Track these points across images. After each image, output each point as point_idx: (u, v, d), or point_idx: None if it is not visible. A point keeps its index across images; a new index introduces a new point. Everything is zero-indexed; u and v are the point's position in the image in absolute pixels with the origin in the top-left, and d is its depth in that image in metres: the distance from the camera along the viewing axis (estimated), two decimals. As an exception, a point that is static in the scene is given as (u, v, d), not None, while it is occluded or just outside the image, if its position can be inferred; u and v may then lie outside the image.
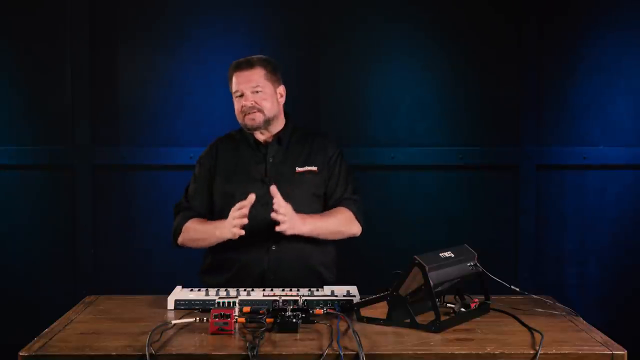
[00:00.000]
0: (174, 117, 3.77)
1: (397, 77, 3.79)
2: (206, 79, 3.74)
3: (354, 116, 3.80)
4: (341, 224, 2.74)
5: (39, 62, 3.75)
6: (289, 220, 2.54)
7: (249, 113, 2.70)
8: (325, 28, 3.78)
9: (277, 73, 2.78)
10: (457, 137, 3.79)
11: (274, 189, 2.54)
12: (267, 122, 2.74)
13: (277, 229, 2.54)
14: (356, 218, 2.77)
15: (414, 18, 3.77)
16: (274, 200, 2.53)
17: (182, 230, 2.75)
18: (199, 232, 2.72)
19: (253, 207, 2.64)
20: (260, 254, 2.66)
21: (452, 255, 2.25)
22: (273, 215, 2.53)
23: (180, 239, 2.77)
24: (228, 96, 2.74)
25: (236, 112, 2.75)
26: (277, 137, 2.78)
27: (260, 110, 2.70)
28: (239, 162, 2.78)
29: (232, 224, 2.54)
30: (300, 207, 2.66)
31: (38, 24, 3.74)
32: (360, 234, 2.80)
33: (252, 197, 2.52)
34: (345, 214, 2.75)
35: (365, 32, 3.77)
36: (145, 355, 1.87)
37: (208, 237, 2.69)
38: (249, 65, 2.73)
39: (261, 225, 2.65)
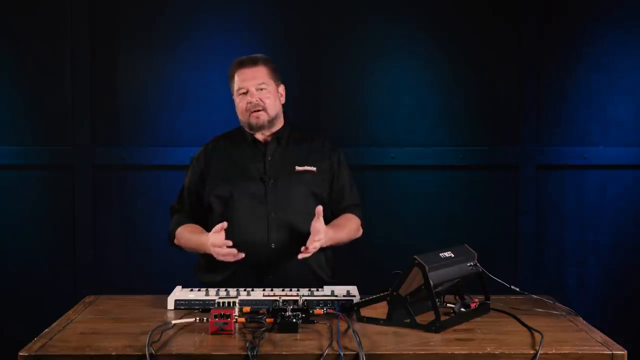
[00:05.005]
0: (173, 117, 3.77)
1: (397, 77, 3.79)
2: (206, 79, 3.73)
3: (354, 116, 3.79)
4: (351, 234, 2.80)
5: (39, 62, 3.75)
6: (324, 241, 2.57)
7: (254, 111, 2.70)
8: (325, 28, 3.78)
9: (277, 72, 2.80)
10: (457, 137, 3.79)
11: (319, 209, 2.55)
12: (271, 122, 2.74)
13: (310, 247, 2.53)
14: (361, 224, 2.85)
15: (414, 18, 3.77)
16: (316, 226, 2.54)
17: (175, 235, 2.78)
18: (188, 243, 2.73)
19: (253, 206, 2.64)
20: (260, 252, 2.66)
21: (452, 255, 2.25)
22: (310, 245, 2.52)
23: (175, 242, 2.80)
24: (228, 96, 2.74)
25: (239, 110, 2.74)
26: (277, 136, 2.78)
27: (264, 109, 2.71)
28: (236, 161, 2.77)
29: (215, 251, 2.54)
30: (299, 206, 2.69)
31: (38, 24, 3.74)
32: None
33: (224, 224, 2.52)
34: (355, 223, 2.82)
35: (365, 32, 3.77)
36: (145, 355, 1.87)
37: (196, 249, 2.71)
38: (252, 62, 2.73)
39: (261, 223, 2.67)
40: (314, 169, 2.77)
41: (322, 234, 2.55)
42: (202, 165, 2.79)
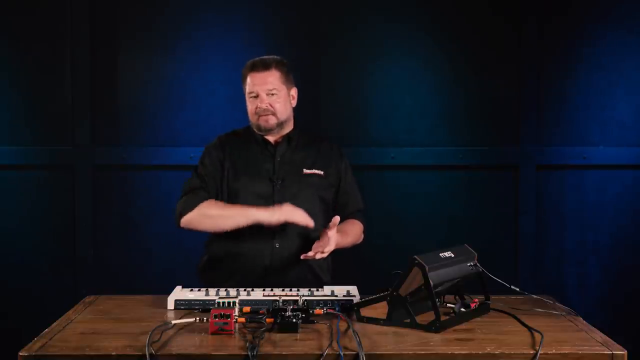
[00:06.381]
0: (173, 117, 3.77)
1: (397, 77, 3.79)
2: (206, 79, 3.73)
3: (354, 116, 3.80)
4: (355, 239, 2.83)
5: (39, 62, 3.75)
6: (329, 251, 2.58)
7: (263, 115, 2.71)
8: (325, 28, 3.78)
9: (290, 75, 2.79)
10: (457, 137, 3.79)
11: (336, 220, 2.55)
12: (280, 125, 2.75)
13: (316, 255, 2.54)
14: (363, 231, 2.88)
15: (414, 18, 3.78)
16: (329, 234, 2.55)
17: (197, 207, 2.65)
18: (224, 209, 2.64)
19: (260, 205, 2.66)
20: (264, 250, 2.67)
21: (452, 255, 2.25)
22: (318, 255, 2.54)
23: (188, 217, 2.66)
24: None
25: (249, 112, 2.76)
26: (287, 137, 2.79)
27: (273, 114, 2.71)
28: (247, 159, 2.77)
29: (289, 212, 2.57)
30: (307, 208, 2.69)
31: (38, 24, 3.74)
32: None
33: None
34: (359, 229, 2.86)
35: (365, 32, 3.77)
36: (145, 355, 1.87)
37: (233, 216, 2.62)
38: (265, 67, 2.72)
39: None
40: (321, 172, 2.79)
41: (332, 247, 2.56)
42: (220, 154, 2.77)
